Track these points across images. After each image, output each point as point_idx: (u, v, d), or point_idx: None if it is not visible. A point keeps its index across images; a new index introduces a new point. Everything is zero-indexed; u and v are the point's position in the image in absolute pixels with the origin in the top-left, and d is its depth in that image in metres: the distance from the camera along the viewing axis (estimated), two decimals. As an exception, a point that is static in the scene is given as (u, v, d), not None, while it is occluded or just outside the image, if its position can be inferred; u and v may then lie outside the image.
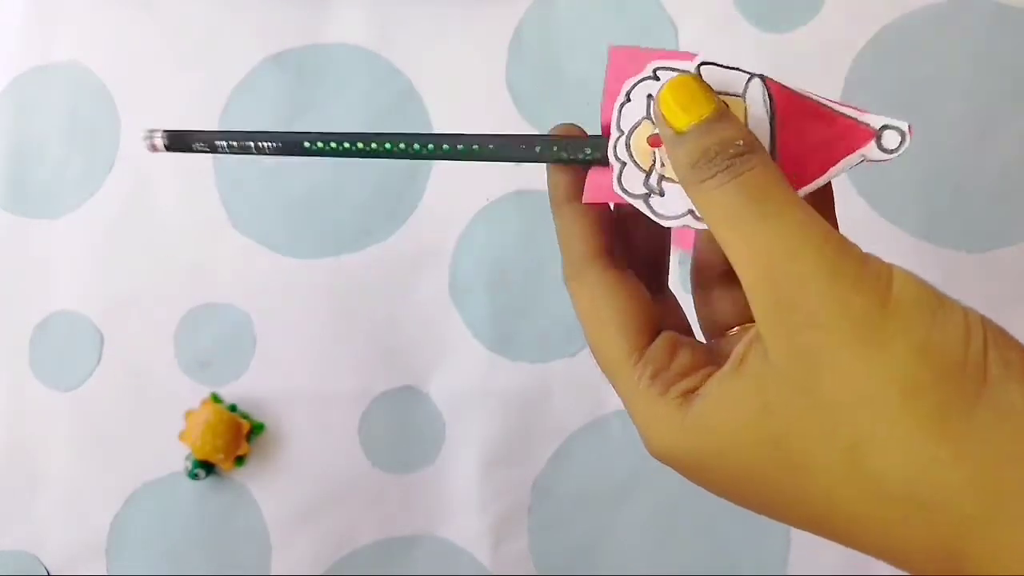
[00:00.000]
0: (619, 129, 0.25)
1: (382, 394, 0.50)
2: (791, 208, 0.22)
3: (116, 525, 0.50)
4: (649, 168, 0.25)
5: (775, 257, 0.21)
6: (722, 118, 0.23)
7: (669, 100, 0.24)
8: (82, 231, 0.51)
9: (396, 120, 0.50)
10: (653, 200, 0.25)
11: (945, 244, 0.48)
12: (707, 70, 0.24)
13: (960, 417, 0.20)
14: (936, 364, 0.20)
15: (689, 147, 0.23)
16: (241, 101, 0.51)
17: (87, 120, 0.51)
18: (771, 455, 0.22)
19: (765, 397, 0.22)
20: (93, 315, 0.51)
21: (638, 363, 0.25)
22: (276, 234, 0.50)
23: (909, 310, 0.21)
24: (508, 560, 0.49)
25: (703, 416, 0.23)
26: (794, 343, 0.21)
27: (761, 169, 0.22)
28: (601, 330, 0.26)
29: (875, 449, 0.20)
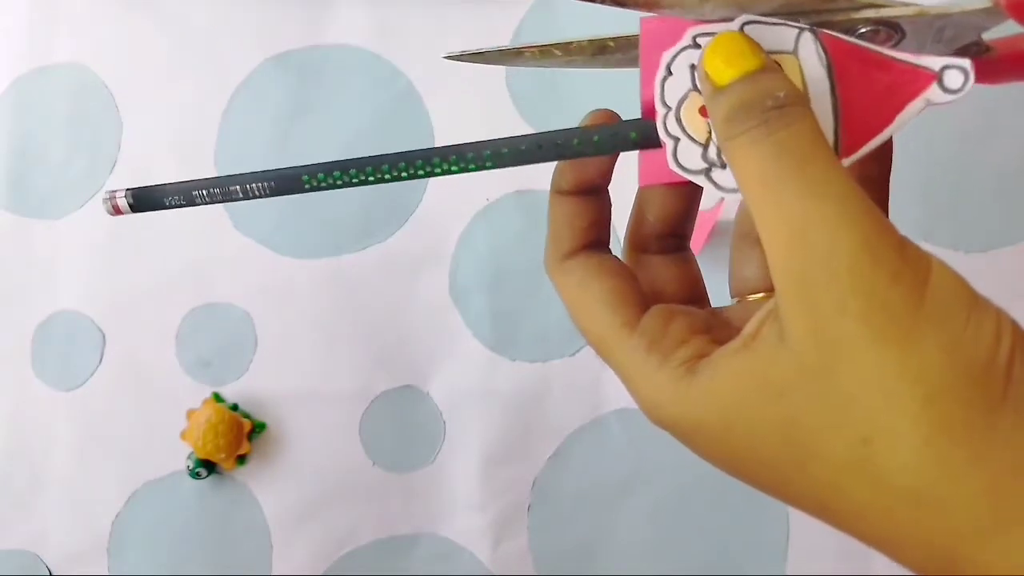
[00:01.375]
0: (664, 104, 0.24)
1: (382, 393, 0.50)
2: (832, 175, 0.20)
3: (118, 524, 0.50)
4: (706, 140, 0.23)
5: (809, 230, 0.20)
6: (767, 71, 0.21)
7: (713, 56, 0.22)
8: (84, 231, 0.51)
9: (396, 120, 0.50)
10: (715, 174, 0.23)
11: (945, 244, 0.48)
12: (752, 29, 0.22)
13: (981, 422, 0.19)
14: (964, 367, 0.19)
15: (726, 101, 0.21)
16: (242, 101, 0.51)
17: (89, 120, 0.51)
18: (778, 437, 0.21)
19: (778, 380, 0.21)
20: (95, 315, 0.51)
21: (631, 335, 0.24)
22: (276, 234, 0.50)
23: (944, 307, 0.20)
24: (508, 559, 0.49)
25: (709, 390, 0.22)
26: (817, 328, 0.20)
27: (801, 127, 0.21)
28: (590, 310, 0.25)
29: (889, 446, 0.20)
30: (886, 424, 0.20)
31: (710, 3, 0.22)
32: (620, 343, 0.24)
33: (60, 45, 0.51)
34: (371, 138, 0.50)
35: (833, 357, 0.20)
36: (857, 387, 0.20)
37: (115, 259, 0.51)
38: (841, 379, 0.20)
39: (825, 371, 0.20)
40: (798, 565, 0.48)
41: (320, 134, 0.51)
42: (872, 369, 0.20)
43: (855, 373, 0.20)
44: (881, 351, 0.20)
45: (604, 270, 0.25)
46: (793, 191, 0.20)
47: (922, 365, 0.20)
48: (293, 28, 0.51)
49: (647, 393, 0.23)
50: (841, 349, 0.20)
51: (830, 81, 0.22)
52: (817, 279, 0.20)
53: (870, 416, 0.20)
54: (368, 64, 0.51)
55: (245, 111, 0.51)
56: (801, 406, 0.21)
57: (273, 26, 0.51)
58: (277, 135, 0.51)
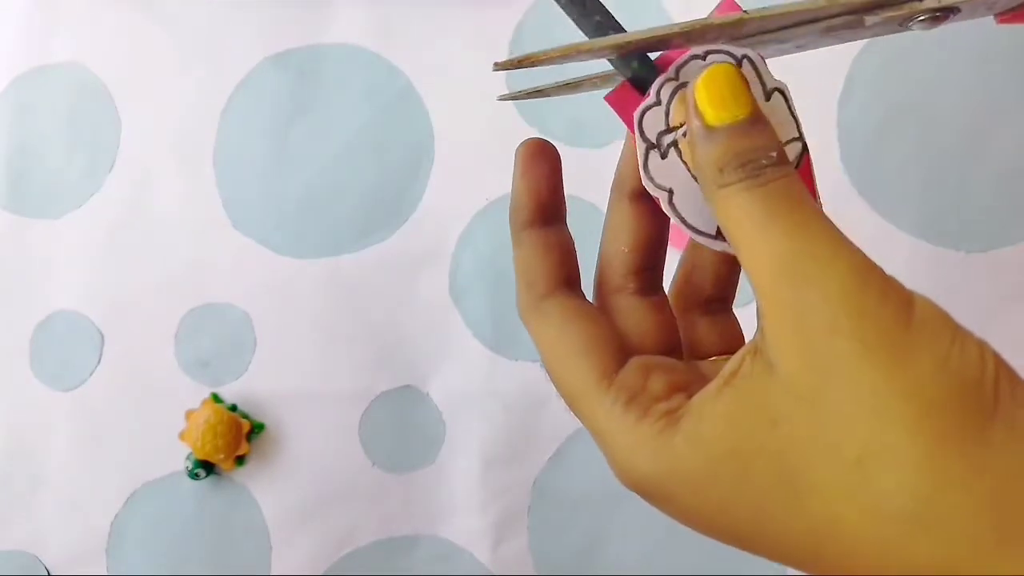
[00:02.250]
0: (676, 74, 0.24)
1: (382, 394, 0.50)
2: (820, 219, 0.21)
3: (116, 525, 0.50)
4: (673, 127, 0.24)
5: (799, 261, 0.21)
6: (757, 123, 0.22)
7: (705, 90, 0.23)
8: (83, 231, 0.51)
9: (396, 120, 0.50)
10: (652, 154, 0.24)
11: (945, 244, 0.48)
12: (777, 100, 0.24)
13: (975, 436, 0.20)
14: (956, 381, 0.20)
15: (720, 149, 0.22)
16: (241, 101, 0.51)
17: (87, 120, 0.51)
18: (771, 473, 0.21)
19: (768, 410, 0.21)
20: (94, 315, 0.51)
21: (610, 388, 0.23)
22: (276, 234, 0.50)
23: (931, 329, 0.20)
24: (508, 560, 0.49)
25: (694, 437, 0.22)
26: (808, 350, 0.20)
27: (789, 179, 0.22)
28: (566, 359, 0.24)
29: (884, 464, 0.20)
30: (881, 442, 0.20)
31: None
32: (597, 397, 0.24)
33: (59, 45, 0.51)
34: (371, 138, 0.50)
35: (825, 378, 0.20)
36: (850, 406, 0.20)
37: (114, 259, 0.51)
38: (833, 400, 0.20)
39: (817, 393, 0.20)
40: (798, 566, 0.48)
41: (320, 133, 0.50)
42: (865, 386, 0.20)
43: (847, 392, 0.20)
44: (874, 367, 0.20)
45: (581, 314, 0.25)
46: (782, 230, 0.21)
47: (915, 380, 0.20)
48: (293, 27, 0.51)
49: (623, 451, 0.23)
50: (833, 368, 0.20)
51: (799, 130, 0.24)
52: (808, 302, 0.20)
53: (865, 433, 0.20)
54: (368, 63, 0.51)
55: (244, 110, 0.51)
56: (794, 434, 0.21)
57: (272, 25, 0.51)
58: (276, 134, 0.51)
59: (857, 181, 0.49)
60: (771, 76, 0.24)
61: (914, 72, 0.49)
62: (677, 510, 0.23)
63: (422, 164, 0.50)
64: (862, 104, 0.49)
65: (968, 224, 0.48)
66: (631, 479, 0.23)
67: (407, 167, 0.50)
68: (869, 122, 0.49)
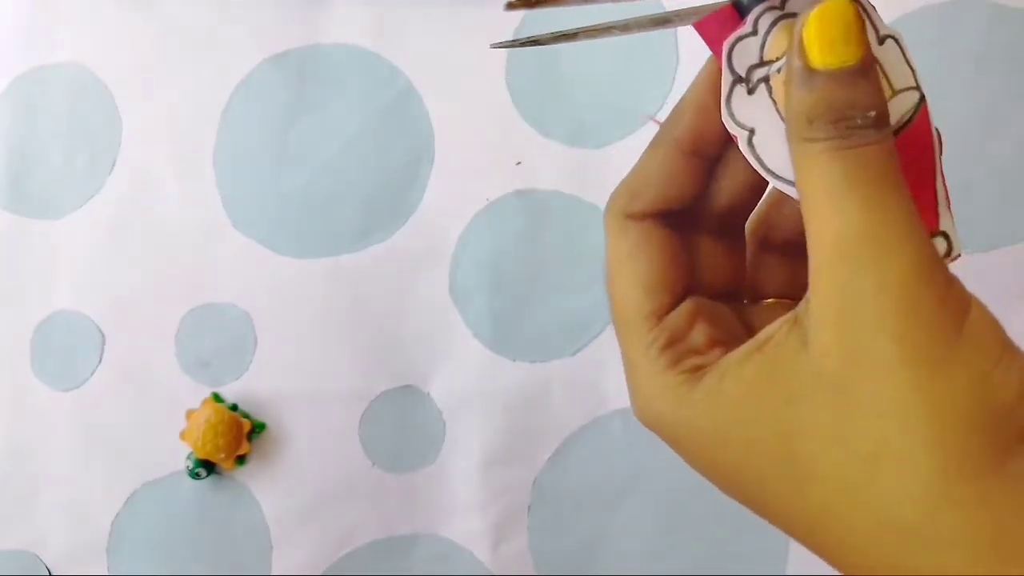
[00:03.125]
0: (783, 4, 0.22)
1: (382, 394, 0.50)
2: (898, 200, 0.20)
3: (117, 524, 0.50)
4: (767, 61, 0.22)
5: (865, 242, 0.19)
6: (864, 74, 0.20)
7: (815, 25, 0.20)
8: (83, 231, 0.51)
9: (396, 120, 0.50)
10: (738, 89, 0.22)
11: (945, 244, 0.48)
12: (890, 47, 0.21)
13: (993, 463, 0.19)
14: (989, 404, 0.19)
15: (816, 96, 0.20)
16: (241, 101, 0.51)
17: (88, 120, 0.51)
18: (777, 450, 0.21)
19: (790, 386, 0.20)
20: (94, 315, 0.51)
21: (654, 327, 0.23)
22: (276, 234, 0.50)
23: (979, 343, 0.20)
24: (508, 559, 0.49)
25: (713, 392, 0.22)
26: (848, 339, 0.20)
27: (879, 148, 0.20)
28: (627, 286, 0.24)
29: (896, 470, 0.19)
30: (898, 447, 0.19)
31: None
32: (640, 332, 0.23)
33: (59, 45, 0.51)
34: (371, 138, 0.50)
35: (858, 371, 0.20)
36: (876, 404, 0.19)
37: (114, 259, 0.51)
38: (860, 394, 0.20)
39: (845, 383, 0.20)
40: (798, 565, 0.48)
41: (319, 133, 0.51)
42: (897, 389, 0.19)
43: (877, 389, 0.19)
44: (912, 373, 0.19)
45: (660, 247, 0.24)
46: (857, 204, 0.20)
47: (949, 395, 0.19)
48: (292, 27, 0.51)
49: (645, 390, 0.23)
50: (868, 364, 0.19)
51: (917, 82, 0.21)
52: (863, 290, 0.19)
53: (883, 435, 0.19)
54: (367, 63, 0.51)
55: (244, 110, 0.51)
56: (809, 417, 0.20)
57: (272, 25, 0.51)
58: (276, 134, 0.51)
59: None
60: (883, 23, 0.22)
61: (914, 72, 0.49)
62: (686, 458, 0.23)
63: (422, 164, 0.50)
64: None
65: (968, 224, 0.48)
66: (645, 418, 0.23)
67: (407, 167, 0.50)
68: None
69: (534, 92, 0.50)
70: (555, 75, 0.50)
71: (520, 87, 0.50)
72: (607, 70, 0.50)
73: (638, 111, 0.49)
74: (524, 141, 0.50)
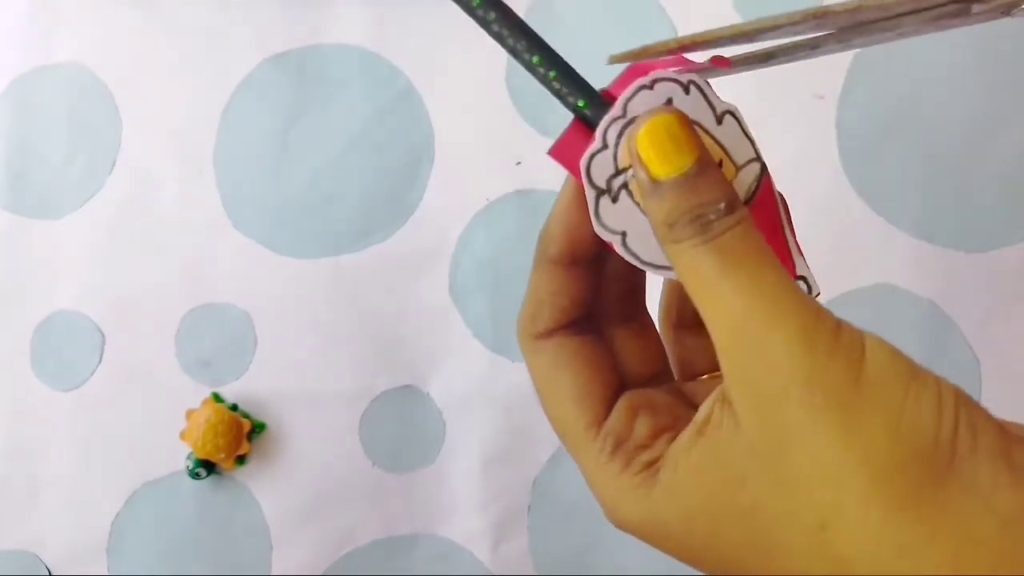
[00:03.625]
0: (623, 111, 0.23)
1: (383, 394, 0.50)
2: (766, 272, 0.21)
3: (117, 524, 0.50)
4: (623, 169, 0.23)
5: (747, 324, 0.20)
6: (703, 172, 0.22)
7: (647, 142, 0.22)
8: (83, 231, 0.51)
9: (396, 120, 0.50)
10: (603, 200, 0.23)
11: (945, 244, 0.48)
12: (729, 123, 0.23)
13: (932, 498, 0.19)
14: (908, 443, 0.19)
15: (667, 204, 0.22)
16: (241, 101, 0.51)
17: (88, 120, 0.51)
18: (741, 529, 0.21)
19: (736, 468, 0.21)
20: (94, 315, 0.51)
21: (597, 436, 0.24)
22: (276, 234, 0.50)
23: (882, 384, 0.20)
24: (508, 559, 0.49)
25: (670, 488, 0.22)
26: (765, 415, 0.20)
27: (738, 230, 0.21)
28: (558, 402, 0.25)
29: (845, 531, 0.20)
30: (839, 509, 0.20)
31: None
32: (585, 444, 0.24)
33: (59, 45, 0.51)
34: (371, 138, 0.50)
35: (782, 442, 0.20)
36: (808, 472, 0.20)
37: (114, 259, 0.51)
38: (792, 464, 0.20)
39: (777, 456, 0.20)
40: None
41: (319, 133, 0.51)
42: (819, 453, 0.20)
43: (804, 458, 0.20)
44: (825, 433, 0.20)
45: (579, 357, 0.25)
46: (732, 289, 0.21)
47: (866, 445, 0.19)
48: (292, 27, 0.51)
49: (609, 498, 0.23)
50: (788, 434, 0.20)
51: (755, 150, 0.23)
52: (760, 369, 0.20)
53: (822, 501, 0.20)
54: (367, 64, 0.51)
55: (245, 110, 0.51)
56: (761, 493, 0.21)
57: (272, 25, 0.51)
58: (277, 134, 0.51)
59: (857, 181, 0.49)
60: (719, 99, 0.23)
61: (914, 72, 0.49)
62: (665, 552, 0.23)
63: (422, 164, 0.50)
64: (861, 104, 0.49)
65: (968, 224, 0.48)
66: (617, 523, 0.24)
67: (407, 167, 0.50)
68: (869, 122, 0.49)
69: (534, 92, 0.50)
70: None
71: (520, 87, 0.50)
72: (607, 70, 0.50)
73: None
74: (524, 141, 0.50)
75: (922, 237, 0.48)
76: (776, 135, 0.49)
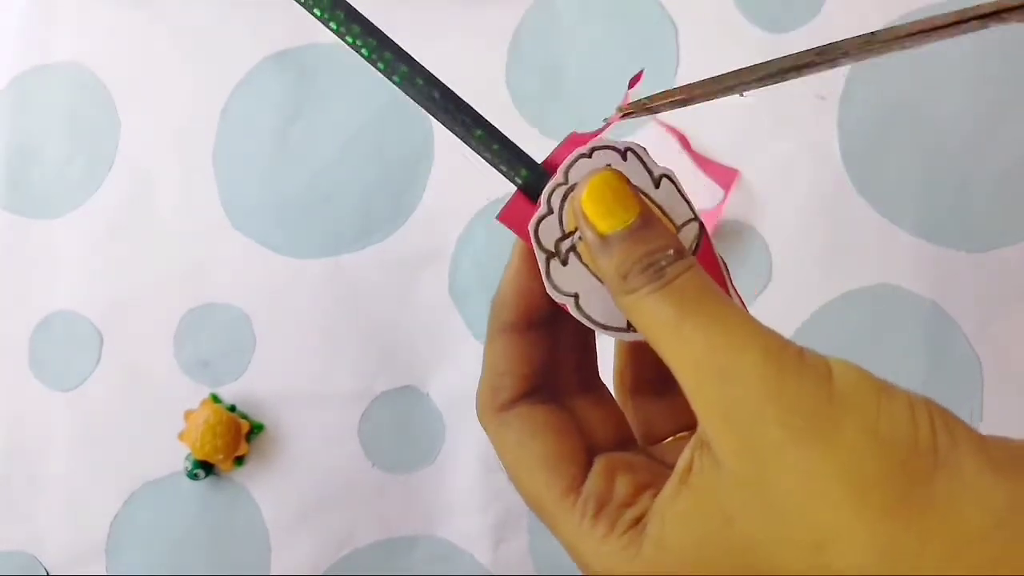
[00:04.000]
0: (565, 177, 0.24)
1: (382, 394, 0.50)
2: (724, 308, 0.22)
3: (116, 525, 0.50)
4: (569, 232, 0.24)
5: (713, 357, 0.21)
6: (648, 224, 0.23)
7: (591, 200, 0.23)
8: (82, 231, 0.51)
9: (396, 120, 0.50)
10: (553, 263, 0.24)
11: (945, 244, 0.48)
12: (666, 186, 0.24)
13: (918, 502, 0.19)
14: (888, 450, 0.20)
15: (617, 257, 0.22)
16: (241, 100, 0.51)
17: (87, 120, 0.51)
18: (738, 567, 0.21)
19: (722, 507, 0.21)
20: (93, 315, 0.50)
21: (577, 503, 0.23)
22: (276, 234, 0.50)
23: (853, 397, 0.20)
24: (508, 560, 0.49)
25: (660, 544, 0.22)
26: (744, 442, 0.20)
27: (691, 273, 0.22)
28: (529, 473, 0.24)
29: (841, 547, 0.20)
30: (830, 525, 0.20)
31: None
32: (563, 513, 0.24)
33: (58, 44, 0.51)
34: (371, 138, 0.50)
35: (765, 468, 0.20)
36: (795, 493, 0.20)
37: (113, 259, 0.50)
38: (778, 489, 0.20)
39: (762, 485, 0.20)
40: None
41: (320, 133, 0.50)
42: (802, 471, 0.20)
43: (789, 479, 0.20)
44: (807, 450, 0.20)
45: (546, 426, 0.25)
46: (693, 328, 0.21)
47: (846, 457, 0.20)
48: (292, 26, 0.51)
49: (598, 565, 0.23)
50: (770, 458, 0.20)
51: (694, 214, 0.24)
52: (735, 396, 0.20)
53: (813, 520, 0.20)
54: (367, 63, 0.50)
55: (244, 109, 0.51)
56: (752, 527, 0.21)
57: (272, 25, 0.51)
58: (276, 133, 0.50)
59: (858, 181, 0.49)
60: (656, 164, 0.24)
61: (914, 72, 0.49)
62: None
63: (422, 164, 0.50)
64: (862, 104, 0.49)
65: (968, 224, 0.48)
66: None
67: (407, 167, 0.50)
68: (869, 122, 0.49)
69: (534, 92, 0.50)
70: (555, 75, 0.50)
71: (520, 87, 0.50)
72: (607, 70, 0.50)
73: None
74: (524, 141, 0.49)
75: (922, 237, 0.48)
76: (778, 135, 0.49)
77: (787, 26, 0.49)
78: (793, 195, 0.49)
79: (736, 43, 0.49)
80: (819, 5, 0.49)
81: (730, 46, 0.49)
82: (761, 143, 0.49)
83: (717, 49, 0.49)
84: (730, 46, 0.49)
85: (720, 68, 0.23)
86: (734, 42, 0.49)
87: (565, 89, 0.50)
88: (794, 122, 0.49)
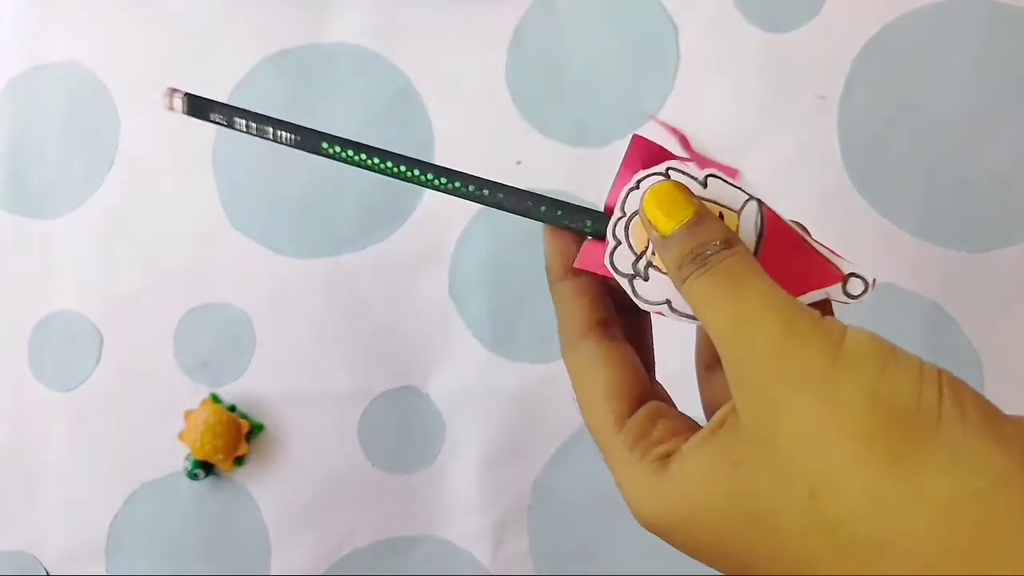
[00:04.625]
0: (622, 211, 0.27)
1: (382, 394, 0.50)
2: (755, 281, 0.24)
3: (115, 525, 0.50)
4: (641, 252, 0.27)
5: (739, 324, 0.23)
6: (701, 221, 0.26)
7: (653, 206, 0.26)
8: (81, 231, 0.51)
9: (395, 119, 0.50)
10: (637, 282, 0.27)
11: (945, 244, 0.48)
12: (713, 183, 0.27)
13: (916, 458, 0.21)
14: (886, 409, 0.21)
15: (674, 251, 0.25)
16: (241, 100, 0.51)
17: (86, 120, 0.51)
18: (742, 514, 0.23)
19: (733, 455, 0.23)
20: (92, 315, 0.50)
21: (620, 432, 0.26)
22: (276, 234, 0.50)
23: (858, 362, 0.22)
24: (508, 560, 0.49)
25: (677, 478, 0.24)
26: (756, 398, 0.23)
27: (734, 259, 0.25)
28: (590, 400, 0.27)
29: (833, 495, 0.21)
30: (828, 474, 0.21)
31: None
32: (611, 439, 0.26)
33: (57, 44, 0.51)
34: (371, 138, 0.50)
35: (773, 420, 0.22)
36: (796, 443, 0.22)
37: (113, 259, 0.50)
38: (782, 439, 0.22)
39: (767, 436, 0.22)
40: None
41: (319, 134, 0.50)
42: (804, 423, 0.22)
43: (792, 430, 0.22)
44: (807, 405, 0.22)
45: (609, 359, 0.27)
46: (724, 300, 0.24)
47: (845, 414, 0.21)
48: (291, 27, 0.51)
49: (629, 491, 0.25)
50: (778, 411, 0.22)
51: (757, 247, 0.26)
52: (746, 357, 0.23)
53: (811, 468, 0.22)
54: (367, 63, 0.51)
55: (244, 110, 0.51)
56: (756, 475, 0.22)
57: (271, 25, 0.51)
58: (276, 135, 0.50)
59: (858, 180, 0.49)
60: (697, 170, 0.27)
61: (914, 72, 0.49)
62: (680, 548, 0.25)
63: (422, 164, 0.50)
64: (862, 104, 0.49)
65: (968, 224, 0.48)
66: (639, 519, 0.25)
67: (407, 167, 0.50)
68: (869, 122, 0.49)
69: (534, 92, 0.50)
70: (555, 75, 0.50)
71: (520, 87, 0.50)
72: (607, 70, 0.50)
73: (638, 110, 0.49)
74: (524, 141, 0.50)
75: (922, 236, 0.48)
76: (778, 135, 0.49)
77: (787, 26, 0.49)
78: (793, 195, 0.49)
79: (736, 43, 0.49)
80: (819, 5, 0.49)
81: (730, 46, 0.49)
82: (761, 143, 0.49)
83: (717, 49, 0.49)
84: (730, 46, 0.49)
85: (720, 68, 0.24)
86: (734, 42, 0.49)
87: (565, 89, 0.50)
88: (794, 122, 0.49)
